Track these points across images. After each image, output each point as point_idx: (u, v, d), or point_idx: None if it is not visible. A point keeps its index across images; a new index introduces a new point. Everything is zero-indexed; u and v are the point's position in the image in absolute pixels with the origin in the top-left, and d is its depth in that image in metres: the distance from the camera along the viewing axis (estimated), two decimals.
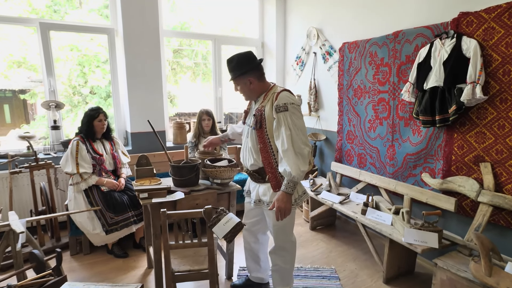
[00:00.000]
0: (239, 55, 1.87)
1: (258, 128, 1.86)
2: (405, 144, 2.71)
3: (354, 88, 3.20)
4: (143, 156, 2.57)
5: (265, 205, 1.98)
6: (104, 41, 3.99)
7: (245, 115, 2.08)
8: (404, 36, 2.62)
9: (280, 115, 1.77)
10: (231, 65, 1.88)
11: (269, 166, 1.89)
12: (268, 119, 1.82)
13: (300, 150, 1.73)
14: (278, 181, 1.88)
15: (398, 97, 2.73)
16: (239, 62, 1.85)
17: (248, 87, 1.89)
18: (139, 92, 3.58)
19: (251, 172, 2.00)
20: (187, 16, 4.84)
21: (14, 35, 3.79)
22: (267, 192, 1.95)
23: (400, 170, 2.77)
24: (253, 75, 1.86)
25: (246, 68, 1.84)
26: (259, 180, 1.99)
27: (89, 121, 2.82)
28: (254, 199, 2.03)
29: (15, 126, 3.94)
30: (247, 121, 2.04)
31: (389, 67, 2.78)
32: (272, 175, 1.90)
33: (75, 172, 2.70)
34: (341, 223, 3.59)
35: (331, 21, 3.52)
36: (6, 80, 4.02)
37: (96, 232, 2.73)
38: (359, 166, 3.22)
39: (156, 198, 2.14)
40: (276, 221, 1.93)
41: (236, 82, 1.91)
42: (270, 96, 1.86)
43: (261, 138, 1.86)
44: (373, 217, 2.56)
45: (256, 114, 1.87)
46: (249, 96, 1.96)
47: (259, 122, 1.85)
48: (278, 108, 1.78)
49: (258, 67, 1.88)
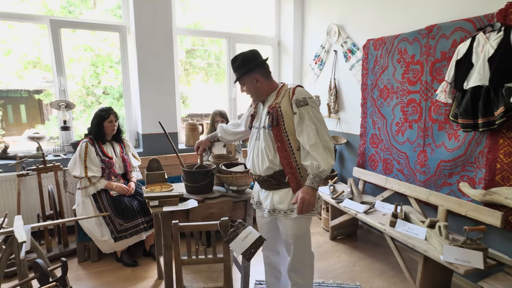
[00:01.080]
0: (244, 54, 1.76)
1: (274, 126, 1.71)
2: (439, 150, 2.46)
3: (380, 88, 2.96)
4: (154, 160, 2.41)
5: (282, 214, 1.78)
6: (117, 41, 3.91)
7: (251, 119, 1.92)
8: (440, 31, 2.37)
9: (302, 109, 1.67)
10: (236, 64, 1.76)
11: (289, 166, 1.72)
12: (286, 114, 1.69)
13: (327, 144, 1.66)
14: (298, 182, 1.73)
15: (431, 98, 2.49)
16: (244, 60, 1.74)
17: (255, 86, 1.76)
18: (151, 92, 3.44)
19: (265, 178, 1.81)
20: (200, 16, 4.71)
21: (27, 35, 3.75)
22: (284, 199, 1.76)
23: (432, 178, 2.52)
24: (259, 72, 1.74)
25: (251, 65, 1.72)
26: (274, 187, 1.79)
27: (99, 122, 2.69)
28: (268, 208, 1.83)
29: (31, 126, 3.94)
30: (254, 124, 1.89)
31: (421, 65, 2.54)
32: (292, 176, 1.72)
33: (83, 176, 2.57)
34: (363, 233, 3.35)
35: (353, 16, 3.29)
36: (22, 81, 4.02)
37: (104, 239, 2.59)
38: (384, 173, 2.98)
39: (167, 206, 1.96)
40: (295, 230, 1.77)
41: (242, 81, 1.78)
42: (284, 92, 1.75)
43: (278, 136, 1.71)
44: (404, 230, 2.32)
45: (271, 111, 1.73)
46: (257, 96, 1.82)
47: (275, 119, 1.70)
48: (299, 103, 1.68)
49: (263, 64, 1.77)
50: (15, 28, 3.66)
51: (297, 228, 1.78)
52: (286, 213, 1.76)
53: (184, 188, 2.22)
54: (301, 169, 1.72)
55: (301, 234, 1.80)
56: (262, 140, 1.78)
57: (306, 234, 1.83)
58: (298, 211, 1.65)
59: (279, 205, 1.78)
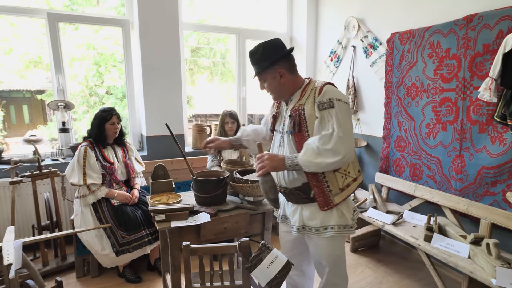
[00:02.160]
0: (265, 44, 1.48)
1: (296, 132, 1.45)
2: (479, 155, 2.19)
3: (407, 86, 2.69)
4: (160, 166, 2.16)
5: (313, 232, 1.53)
6: (121, 40, 3.71)
7: (273, 120, 1.64)
8: (482, 21, 2.10)
9: (324, 113, 1.39)
10: (256, 57, 1.48)
11: (314, 178, 1.45)
12: (310, 119, 1.43)
13: (336, 151, 1.32)
14: (327, 198, 1.46)
15: (470, 97, 2.22)
16: (265, 51, 1.46)
17: (278, 82, 1.48)
18: (156, 91, 3.20)
19: (292, 191, 1.55)
20: (205, 12, 4.48)
21: (29, 33, 3.56)
22: (316, 215, 1.51)
23: (471, 187, 2.25)
24: (283, 65, 1.47)
25: (274, 57, 1.44)
26: (303, 200, 1.53)
27: (100, 124, 2.45)
28: (296, 225, 1.57)
29: (33, 127, 3.76)
30: (277, 128, 1.62)
31: (458, 60, 2.27)
32: (318, 189, 1.46)
33: (82, 183, 2.33)
34: (386, 244, 3.07)
35: (375, 9, 3.02)
36: (24, 80, 3.87)
37: (105, 253, 2.35)
38: (412, 179, 2.71)
39: (175, 221, 1.71)
40: (330, 251, 1.53)
41: (263, 77, 1.50)
42: (310, 91, 1.47)
43: (301, 144, 1.45)
44: (442, 246, 2.05)
45: (293, 114, 1.47)
46: (280, 94, 1.54)
47: (297, 124, 1.45)
48: (322, 105, 1.39)
49: (289, 56, 1.49)
50: (16, 26, 3.49)
51: (332, 248, 1.53)
52: (318, 230, 1.51)
53: (193, 197, 1.98)
54: (330, 182, 1.45)
55: (337, 255, 1.55)
56: (287, 146, 1.53)
57: (342, 255, 1.58)
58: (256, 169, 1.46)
59: (309, 221, 1.52)
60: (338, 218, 1.49)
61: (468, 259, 1.93)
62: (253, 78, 1.55)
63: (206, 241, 1.82)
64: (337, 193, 1.46)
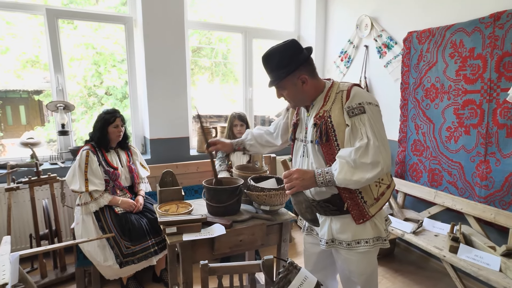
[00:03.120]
0: (281, 48, 1.31)
1: (324, 142, 1.31)
2: (507, 161, 2.06)
3: (426, 87, 2.57)
4: (168, 172, 2.02)
5: (344, 246, 1.39)
6: (121, 39, 3.56)
7: (293, 128, 1.50)
8: (511, 18, 1.98)
9: (355, 120, 1.25)
10: (273, 63, 1.31)
11: (347, 190, 1.32)
12: (339, 127, 1.28)
13: (375, 163, 1.20)
14: (362, 210, 1.33)
15: (497, 99, 2.10)
16: (283, 57, 1.29)
17: (300, 89, 1.33)
18: (160, 92, 3.05)
19: (320, 203, 1.41)
20: (208, 12, 4.35)
21: (26, 32, 3.42)
22: (347, 228, 1.37)
23: (498, 194, 2.12)
24: (305, 70, 1.31)
25: (294, 64, 1.28)
26: (332, 212, 1.40)
27: (103, 127, 2.30)
28: (325, 238, 1.43)
29: (31, 128, 3.62)
30: (298, 136, 1.48)
31: (484, 60, 2.14)
32: (352, 201, 1.33)
33: (84, 190, 2.18)
34: (401, 252, 2.95)
35: (390, 7, 2.90)
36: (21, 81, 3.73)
37: (107, 264, 2.19)
38: (430, 185, 2.58)
39: (187, 234, 1.57)
40: (362, 268, 1.39)
41: (282, 85, 1.34)
42: (334, 95, 1.32)
43: (330, 154, 1.32)
44: (470, 258, 1.93)
45: (318, 123, 1.32)
46: (302, 101, 1.39)
47: (324, 134, 1.30)
48: (352, 111, 1.25)
49: (308, 60, 1.32)
50: (13, 25, 3.34)
51: (365, 264, 1.40)
52: (350, 245, 1.38)
53: (204, 206, 1.84)
54: (364, 193, 1.33)
55: (370, 272, 1.42)
56: (312, 156, 1.39)
57: (375, 271, 1.45)
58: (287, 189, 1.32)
59: (340, 234, 1.39)
60: (372, 230, 1.37)
61: (499, 272, 1.80)
62: (269, 87, 1.38)
63: (220, 255, 1.69)
64: (372, 203, 1.34)
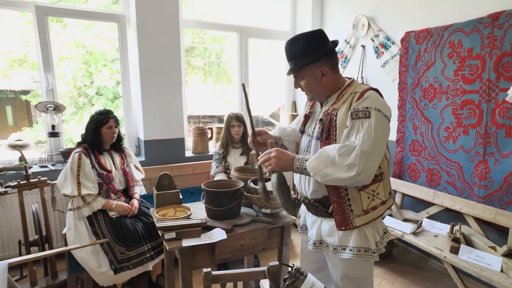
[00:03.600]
0: (306, 36, 1.27)
1: (323, 139, 1.27)
2: (506, 160, 2.07)
3: (424, 87, 2.56)
4: (165, 175, 1.96)
5: (331, 250, 1.35)
6: (112, 38, 3.46)
7: (304, 120, 1.46)
8: (510, 18, 1.98)
9: (356, 123, 1.18)
10: (294, 51, 1.27)
11: (336, 193, 1.28)
12: (341, 127, 1.24)
13: (352, 166, 1.13)
14: (346, 217, 1.29)
15: (496, 99, 2.10)
16: (307, 45, 1.25)
17: (319, 81, 1.28)
18: (155, 92, 2.98)
19: (311, 202, 1.38)
20: (201, 12, 4.28)
21: (13, 30, 3.29)
22: (335, 232, 1.33)
23: (497, 194, 2.12)
24: (327, 63, 1.27)
25: (318, 54, 1.24)
26: (322, 214, 1.36)
27: (96, 128, 2.22)
28: (313, 239, 1.40)
29: (18, 129, 3.50)
30: (307, 130, 1.43)
31: (482, 60, 2.14)
32: (338, 206, 1.29)
33: (76, 195, 2.09)
34: (400, 253, 2.94)
35: (387, 7, 2.89)
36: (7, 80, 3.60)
37: (101, 271, 2.11)
38: (429, 185, 2.58)
39: (187, 239, 1.51)
40: (347, 272, 1.34)
41: (301, 74, 1.30)
42: (348, 95, 1.27)
43: None
44: (471, 259, 1.92)
45: (323, 119, 1.28)
46: (318, 95, 1.35)
47: (326, 131, 1.26)
48: (356, 113, 1.19)
49: (332, 52, 1.29)
50: None
51: (349, 270, 1.34)
52: (336, 249, 1.33)
53: (203, 210, 1.78)
54: (352, 201, 1.28)
55: (356, 277, 1.35)
56: (313, 153, 1.34)
57: (363, 279, 1.38)
58: (259, 159, 1.33)
59: (328, 237, 1.35)
60: (360, 240, 1.30)
61: (501, 273, 1.79)
62: (287, 75, 1.35)
63: (221, 260, 1.64)
64: (359, 214, 1.28)
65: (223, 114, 4.55)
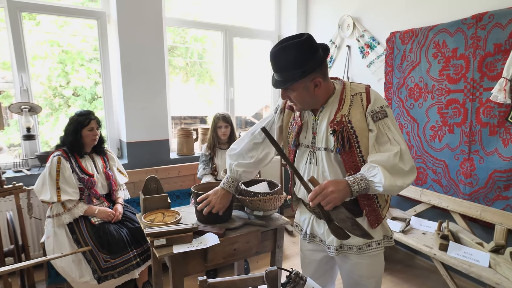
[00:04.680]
0: (297, 44, 1.12)
1: (347, 150, 1.21)
2: (490, 158, 2.12)
3: (409, 87, 2.60)
4: (152, 178, 1.87)
5: (355, 251, 1.33)
6: (89, 36, 3.31)
7: (297, 130, 1.35)
8: (493, 19, 2.03)
9: (380, 125, 1.20)
10: (285, 59, 1.13)
11: (366, 196, 1.26)
12: (362, 132, 1.20)
13: (413, 169, 1.18)
14: (377, 214, 1.29)
15: (480, 98, 2.15)
16: (299, 55, 1.12)
17: (312, 93, 1.20)
18: (137, 92, 2.87)
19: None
20: (183, 11, 4.18)
21: None
22: None
23: (482, 191, 2.18)
24: (319, 73, 1.17)
25: (312, 65, 1.13)
26: None
27: (76, 130, 2.10)
28: (334, 245, 1.34)
29: None
30: (303, 142, 1.35)
31: (467, 60, 2.19)
32: (370, 208, 1.28)
33: (55, 201, 1.97)
34: (388, 251, 2.93)
35: (372, 7, 2.92)
36: None
37: (84, 280, 2.00)
38: (415, 183, 2.62)
39: (178, 245, 1.44)
40: (373, 271, 1.35)
41: (293, 87, 1.18)
42: (350, 98, 1.23)
43: (350, 163, 1.22)
44: (460, 256, 1.95)
45: (337, 129, 1.21)
46: (310, 105, 1.27)
47: (347, 142, 1.20)
48: (376, 115, 1.19)
49: (324, 61, 1.19)
50: None
51: (376, 267, 1.36)
52: (361, 249, 1.32)
53: (193, 213, 1.71)
54: (380, 197, 1.28)
55: (379, 274, 1.39)
56: (325, 165, 1.27)
57: (382, 273, 1.41)
58: (309, 199, 1.14)
59: (350, 239, 1.30)
60: (381, 230, 1.34)
61: (489, 268, 1.83)
62: (275, 88, 1.25)
63: (213, 266, 1.57)
64: (384, 205, 1.32)
65: (206, 115, 4.46)
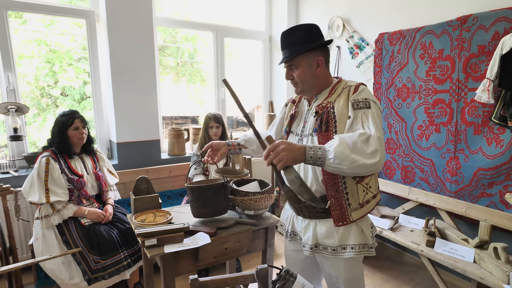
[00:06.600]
0: (306, 26, 1.31)
1: (322, 131, 1.27)
2: (475, 157, 2.18)
3: (397, 87, 2.65)
4: (143, 179, 1.87)
5: (329, 252, 1.34)
6: (78, 35, 3.27)
7: (290, 120, 1.45)
8: (477, 22, 2.09)
9: (359, 113, 1.22)
10: (294, 37, 1.28)
11: (334, 187, 1.27)
12: (340, 118, 1.25)
13: (375, 153, 1.11)
14: (343, 211, 1.28)
15: (465, 98, 2.21)
16: (308, 33, 1.29)
17: (313, 71, 1.29)
18: (127, 92, 2.85)
19: (306, 204, 1.35)
20: (173, 10, 4.16)
21: None
22: (334, 232, 1.32)
23: (467, 189, 2.24)
24: (322, 55, 1.31)
25: (317, 42, 1.29)
26: (317, 215, 1.34)
27: (61, 131, 2.08)
28: (309, 243, 1.36)
29: None
30: (294, 129, 1.43)
31: (452, 61, 2.25)
32: (336, 201, 1.28)
33: (44, 202, 1.95)
34: (377, 248, 2.99)
35: (361, 9, 2.96)
36: None
37: (74, 282, 1.98)
38: (403, 182, 2.67)
39: (169, 245, 1.45)
40: (347, 273, 1.34)
41: (296, 62, 1.29)
42: (340, 90, 1.31)
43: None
44: (446, 252, 2.00)
45: (320, 111, 1.29)
46: (309, 87, 1.33)
47: (324, 123, 1.26)
48: (357, 103, 1.23)
49: (327, 48, 1.34)
50: None
51: (351, 270, 1.35)
52: (335, 250, 1.33)
53: (184, 213, 1.72)
54: (350, 195, 1.27)
55: (356, 277, 1.38)
56: None
57: (360, 277, 1.41)
58: (264, 157, 1.14)
59: (325, 239, 1.34)
60: (359, 236, 1.31)
61: (474, 264, 1.89)
62: (279, 64, 1.37)
63: (205, 265, 1.58)
64: (356, 208, 1.29)
65: (197, 115, 4.45)
